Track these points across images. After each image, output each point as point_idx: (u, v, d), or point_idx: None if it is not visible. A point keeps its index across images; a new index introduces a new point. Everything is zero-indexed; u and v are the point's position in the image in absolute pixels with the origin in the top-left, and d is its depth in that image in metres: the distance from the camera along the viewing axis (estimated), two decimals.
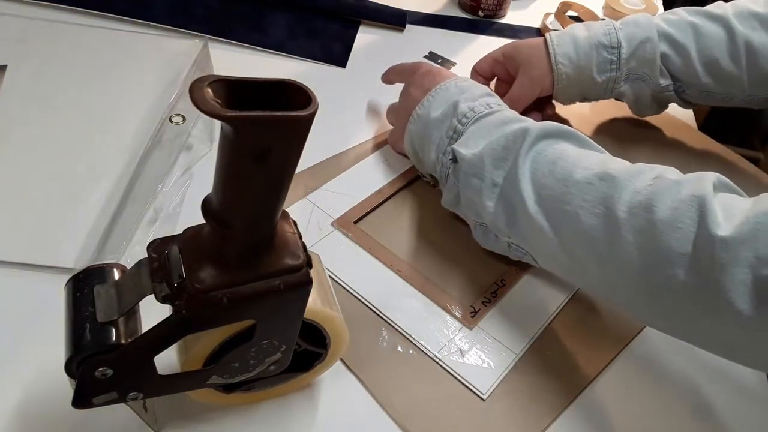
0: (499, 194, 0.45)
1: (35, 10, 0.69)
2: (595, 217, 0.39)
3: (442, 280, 0.50)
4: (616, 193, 0.39)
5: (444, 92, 0.52)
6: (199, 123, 0.59)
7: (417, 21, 0.81)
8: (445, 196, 0.51)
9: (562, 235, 0.41)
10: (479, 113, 0.49)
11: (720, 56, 0.58)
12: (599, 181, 0.40)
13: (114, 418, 0.38)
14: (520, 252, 0.47)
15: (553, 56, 0.60)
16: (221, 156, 0.27)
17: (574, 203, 0.41)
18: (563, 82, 0.61)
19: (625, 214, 0.38)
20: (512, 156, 0.45)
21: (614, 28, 0.60)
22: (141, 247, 0.47)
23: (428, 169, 0.54)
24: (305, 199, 0.55)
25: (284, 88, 0.26)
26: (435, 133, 0.51)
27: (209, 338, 0.33)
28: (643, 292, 0.38)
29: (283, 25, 0.75)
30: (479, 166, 0.46)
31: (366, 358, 0.44)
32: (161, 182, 0.53)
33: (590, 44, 0.60)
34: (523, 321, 0.48)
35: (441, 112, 0.51)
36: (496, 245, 0.49)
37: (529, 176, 0.44)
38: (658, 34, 0.59)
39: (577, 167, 0.42)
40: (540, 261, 0.46)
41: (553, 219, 0.42)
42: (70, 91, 0.60)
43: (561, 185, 0.42)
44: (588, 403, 0.44)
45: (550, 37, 0.61)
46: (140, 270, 0.32)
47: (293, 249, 0.32)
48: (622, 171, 0.40)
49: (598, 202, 0.40)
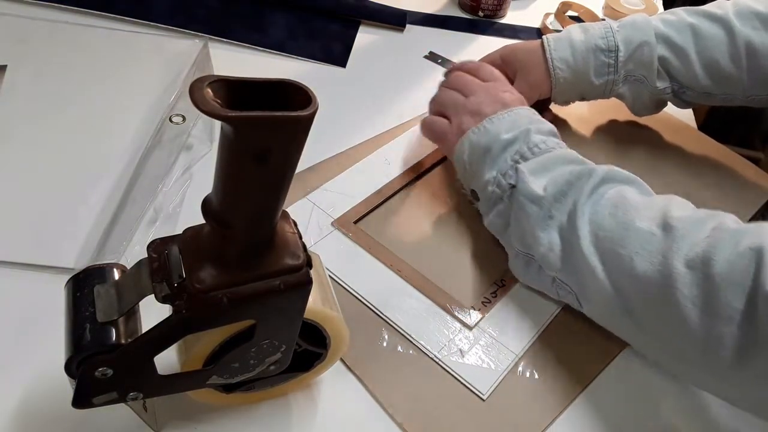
0: (554, 228, 0.45)
1: (35, 10, 0.69)
2: (651, 265, 0.39)
3: (442, 280, 0.50)
4: (675, 244, 0.38)
5: (516, 117, 0.51)
6: (199, 123, 0.59)
7: (417, 21, 0.81)
8: (491, 219, 0.50)
9: (613, 278, 0.41)
10: (550, 147, 0.48)
11: (720, 57, 0.57)
12: (660, 231, 0.40)
13: (114, 418, 0.38)
14: (564, 290, 0.46)
15: (550, 61, 0.59)
16: (221, 156, 0.27)
17: (630, 248, 0.40)
18: (561, 85, 0.60)
19: (682, 267, 0.37)
20: (574, 193, 0.44)
21: (612, 30, 0.59)
22: (141, 247, 0.47)
23: (476, 184, 0.51)
24: (305, 199, 0.55)
25: (284, 88, 0.26)
26: (500, 153, 0.49)
27: (209, 338, 0.33)
28: (697, 347, 0.37)
29: (283, 25, 0.75)
30: (540, 195, 0.45)
31: (366, 358, 0.44)
32: (161, 182, 0.53)
33: (587, 48, 0.59)
34: (523, 321, 0.48)
35: (512, 135, 0.49)
36: (537, 280, 0.48)
37: (588, 215, 0.43)
38: (656, 37, 0.58)
39: (640, 214, 0.41)
40: (585, 303, 0.45)
41: (607, 260, 0.41)
42: (70, 90, 0.60)
43: (621, 229, 0.41)
44: (588, 403, 0.44)
45: (547, 40, 0.60)
46: (140, 270, 0.32)
47: (293, 249, 0.32)
48: (683, 220, 0.40)
49: (656, 253, 0.39)
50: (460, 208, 0.56)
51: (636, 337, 0.43)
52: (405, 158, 0.60)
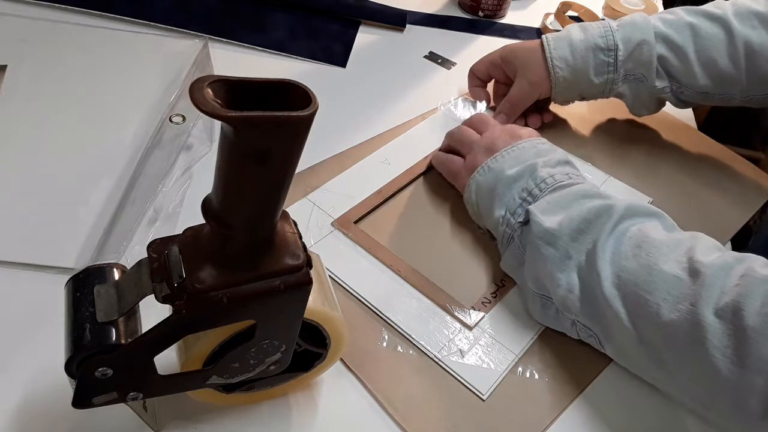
0: (573, 269, 0.43)
1: (35, 10, 0.69)
2: (678, 312, 0.38)
3: (442, 280, 0.50)
4: (704, 291, 0.37)
5: (520, 151, 0.50)
6: (199, 123, 0.59)
7: (417, 21, 0.81)
8: (506, 260, 0.49)
9: (638, 324, 0.40)
10: (559, 182, 0.47)
11: (718, 57, 0.58)
12: (687, 276, 0.38)
13: (114, 418, 0.38)
14: (585, 332, 0.44)
15: (549, 60, 0.59)
16: (221, 156, 0.27)
17: (656, 294, 0.39)
18: (560, 84, 0.60)
19: (712, 316, 0.36)
20: (593, 231, 0.43)
21: (611, 30, 0.59)
22: (141, 247, 0.47)
23: (488, 224, 0.51)
24: (305, 199, 0.55)
25: (284, 88, 0.26)
26: (506, 191, 0.48)
27: (209, 338, 0.33)
28: (727, 397, 0.37)
29: (283, 25, 0.75)
30: (556, 235, 0.44)
31: (366, 358, 0.44)
32: (161, 182, 0.53)
33: (587, 47, 0.59)
34: (523, 321, 0.48)
35: (516, 171, 0.48)
36: (556, 322, 0.46)
37: (609, 256, 0.42)
38: (656, 36, 0.58)
39: (664, 255, 0.40)
40: (608, 346, 0.44)
41: (630, 305, 0.40)
42: (70, 91, 0.60)
43: (644, 272, 0.40)
44: (588, 404, 0.44)
45: (546, 39, 0.60)
46: (140, 270, 0.32)
47: (293, 249, 0.32)
48: (711, 266, 0.38)
49: (683, 299, 0.38)
50: (460, 208, 0.56)
51: (663, 383, 0.42)
52: (405, 158, 0.60)
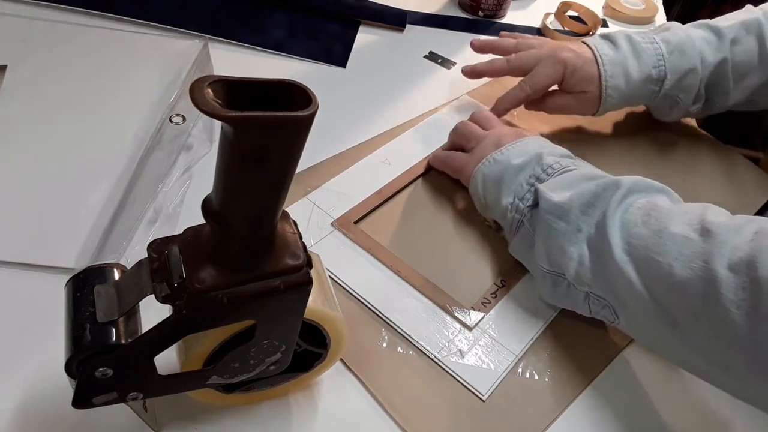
0: (583, 240, 0.44)
1: (35, 10, 0.69)
2: (691, 270, 0.38)
3: (442, 280, 0.50)
4: (716, 248, 0.37)
5: (525, 144, 0.52)
6: (199, 123, 0.59)
7: (417, 21, 0.81)
8: (514, 243, 0.50)
9: (652, 287, 0.40)
10: (565, 167, 0.48)
11: (751, 72, 0.60)
12: (697, 236, 0.39)
13: (114, 418, 0.38)
14: (598, 304, 0.44)
15: (604, 89, 0.59)
16: (221, 156, 0.27)
17: (668, 255, 0.39)
18: (606, 109, 0.62)
19: (725, 271, 0.36)
20: (602, 204, 0.44)
21: (663, 58, 0.59)
22: (141, 247, 0.47)
23: (495, 214, 0.52)
24: (305, 199, 0.55)
25: (284, 88, 0.26)
26: (513, 180, 0.50)
27: (209, 338, 0.33)
28: (744, 353, 0.36)
29: (283, 25, 0.75)
30: (566, 209, 0.45)
31: (366, 358, 0.44)
32: (161, 182, 0.53)
33: (640, 78, 0.59)
34: (523, 322, 0.48)
35: (522, 161, 0.50)
36: (566, 298, 0.47)
37: (619, 224, 0.42)
38: (702, 62, 0.59)
39: (673, 220, 0.40)
40: (622, 315, 0.43)
41: (642, 268, 0.40)
42: (70, 91, 0.60)
43: (655, 236, 0.40)
44: (588, 404, 0.44)
45: (602, 63, 0.59)
46: (140, 270, 0.32)
47: (293, 249, 0.32)
48: (721, 226, 0.38)
49: (695, 257, 0.38)
50: (460, 208, 0.56)
51: (678, 350, 0.41)
52: (405, 158, 0.60)
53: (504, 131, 0.55)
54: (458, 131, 0.59)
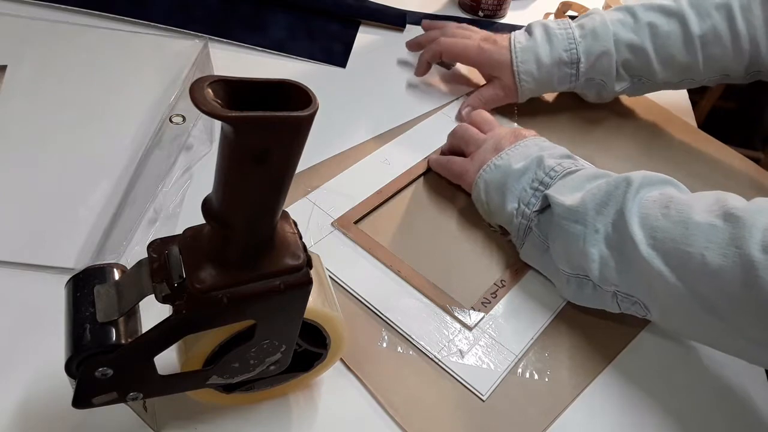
0: (602, 240, 0.44)
1: (35, 10, 0.69)
2: (725, 258, 0.38)
3: (442, 280, 0.50)
4: (746, 232, 0.37)
5: (524, 148, 0.52)
6: (199, 123, 0.59)
7: (417, 21, 0.81)
8: (525, 250, 0.50)
9: (686, 278, 0.39)
10: (567, 168, 0.48)
11: (677, 53, 0.61)
12: (723, 222, 0.39)
13: (114, 418, 0.38)
14: (627, 302, 0.44)
15: (516, 74, 0.62)
16: (221, 156, 0.27)
17: (697, 245, 0.39)
18: (525, 94, 0.65)
19: (759, 253, 0.36)
20: (616, 202, 0.44)
21: (575, 41, 0.62)
22: (141, 247, 0.47)
23: (501, 219, 0.52)
24: (305, 199, 0.55)
25: (284, 88, 0.26)
26: (516, 185, 0.50)
27: (209, 338, 0.33)
28: None
29: (283, 25, 0.75)
30: (580, 212, 0.44)
31: (366, 358, 0.44)
32: (161, 182, 0.53)
33: (552, 62, 0.62)
34: (523, 321, 0.48)
35: (523, 165, 0.50)
36: (593, 298, 0.46)
37: (638, 220, 0.42)
38: (617, 43, 0.61)
39: (694, 209, 0.40)
40: (655, 310, 0.43)
41: (673, 261, 0.40)
42: (70, 91, 0.60)
43: (680, 227, 0.40)
44: (588, 404, 0.44)
45: (514, 50, 0.62)
46: (140, 270, 0.32)
47: (293, 249, 0.32)
48: (745, 210, 0.38)
49: (726, 244, 0.38)
50: (460, 208, 0.56)
51: (720, 335, 0.41)
52: (405, 158, 0.60)
53: (502, 133, 0.55)
54: (457, 134, 0.59)
